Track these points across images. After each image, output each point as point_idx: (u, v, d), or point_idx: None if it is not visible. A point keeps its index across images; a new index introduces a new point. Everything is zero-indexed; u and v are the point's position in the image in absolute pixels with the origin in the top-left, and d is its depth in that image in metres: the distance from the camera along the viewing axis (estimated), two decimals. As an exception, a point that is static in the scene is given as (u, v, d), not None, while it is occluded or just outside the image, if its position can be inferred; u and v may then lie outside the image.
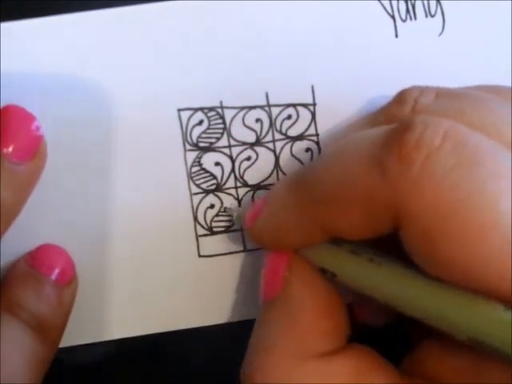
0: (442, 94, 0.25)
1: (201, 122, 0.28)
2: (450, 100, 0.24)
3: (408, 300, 0.22)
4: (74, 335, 0.28)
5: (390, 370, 0.23)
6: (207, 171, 0.28)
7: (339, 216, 0.22)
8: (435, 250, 0.20)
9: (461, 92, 0.25)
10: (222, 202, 0.29)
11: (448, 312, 0.21)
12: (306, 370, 0.23)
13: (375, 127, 0.23)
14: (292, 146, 0.29)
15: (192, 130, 0.28)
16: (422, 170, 0.20)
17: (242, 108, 0.28)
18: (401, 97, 0.25)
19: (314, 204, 0.22)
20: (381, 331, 0.27)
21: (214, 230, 0.29)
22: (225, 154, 0.28)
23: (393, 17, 0.29)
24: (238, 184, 0.29)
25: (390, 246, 0.22)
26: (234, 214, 0.28)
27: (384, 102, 0.27)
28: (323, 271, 0.24)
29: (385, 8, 0.28)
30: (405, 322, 0.25)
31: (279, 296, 0.24)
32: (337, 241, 0.23)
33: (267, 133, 0.28)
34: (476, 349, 0.20)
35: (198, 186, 0.28)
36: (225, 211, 0.29)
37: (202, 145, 0.28)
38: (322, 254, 0.24)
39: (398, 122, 0.21)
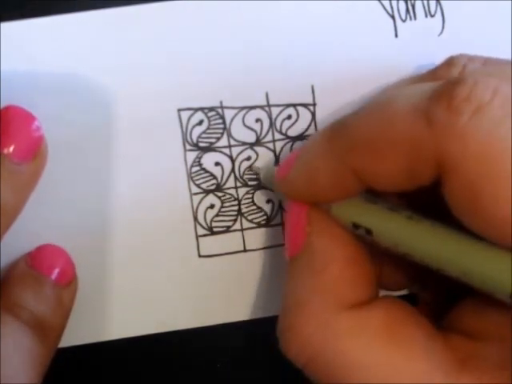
0: (490, 61, 0.25)
1: (201, 122, 0.28)
2: (497, 66, 0.24)
3: (449, 259, 0.21)
4: (74, 335, 0.28)
5: (423, 322, 0.23)
6: (207, 171, 0.28)
7: (378, 162, 0.21)
8: (480, 202, 0.19)
9: (509, 60, 0.25)
10: (222, 202, 0.29)
11: (491, 271, 0.20)
12: (338, 323, 0.22)
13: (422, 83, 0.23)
14: (292, 146, 0.29)
15: (192, 130, 0.28)
16: (470, 121, 0.20)
17: (242, 108, 0.28)
18: (450, 61, 0.25)
19: (353, 150, 0.22)
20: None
21: (214, 230, 0.29)
22: (225, 154, 0.28)
23: (393, 17, 0.29)
24: (238, 184, 0.29)
25: (423, 206, 0.22)
26: (262, 172, 0.28)
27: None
28: (356, 227, 0.23)
29: (385, 8, 0.28)
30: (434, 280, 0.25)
31: (302, 251, 0.24)
32: (372, 198, 0.23)
33: (267, 133, 0.28)
34: None
35: (198, 186, 0.28)
36: (250, 170, 0.28)
37: (201, 145, 0.28)
38: (357, 210, 0.23)
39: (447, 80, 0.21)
